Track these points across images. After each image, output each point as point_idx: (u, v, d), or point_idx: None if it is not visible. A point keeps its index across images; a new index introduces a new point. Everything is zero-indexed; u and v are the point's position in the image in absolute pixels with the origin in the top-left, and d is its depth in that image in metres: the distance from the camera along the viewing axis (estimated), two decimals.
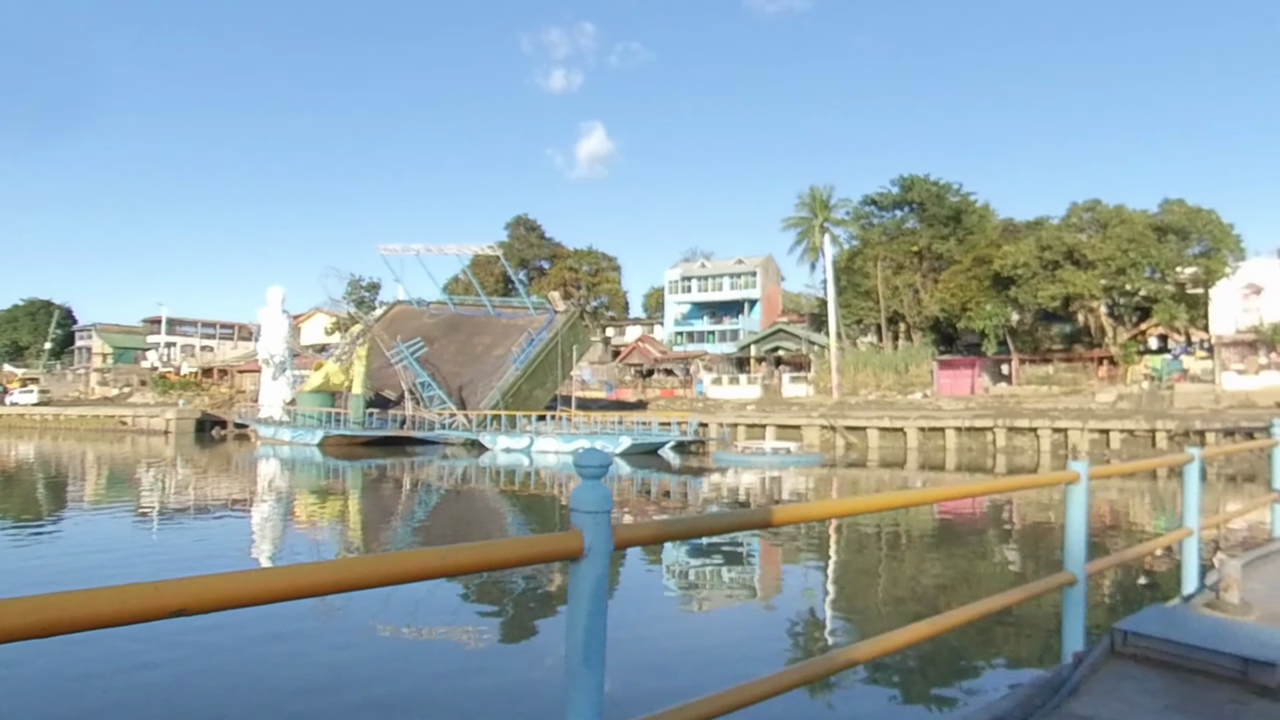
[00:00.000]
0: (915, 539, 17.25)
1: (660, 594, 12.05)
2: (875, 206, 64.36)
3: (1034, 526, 19.66)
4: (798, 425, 46.48)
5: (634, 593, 11.82)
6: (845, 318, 63.83)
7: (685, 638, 9.59)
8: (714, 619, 10.62)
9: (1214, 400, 43.17)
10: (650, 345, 76.91)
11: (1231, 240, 45.22)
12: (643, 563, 13.56)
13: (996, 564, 14.49)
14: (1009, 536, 18.34)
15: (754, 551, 15.04)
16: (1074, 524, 3.64)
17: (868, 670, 7.33)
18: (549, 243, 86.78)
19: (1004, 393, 50.02)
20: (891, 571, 14.11)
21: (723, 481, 29.74)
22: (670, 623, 10.25)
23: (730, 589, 12.50)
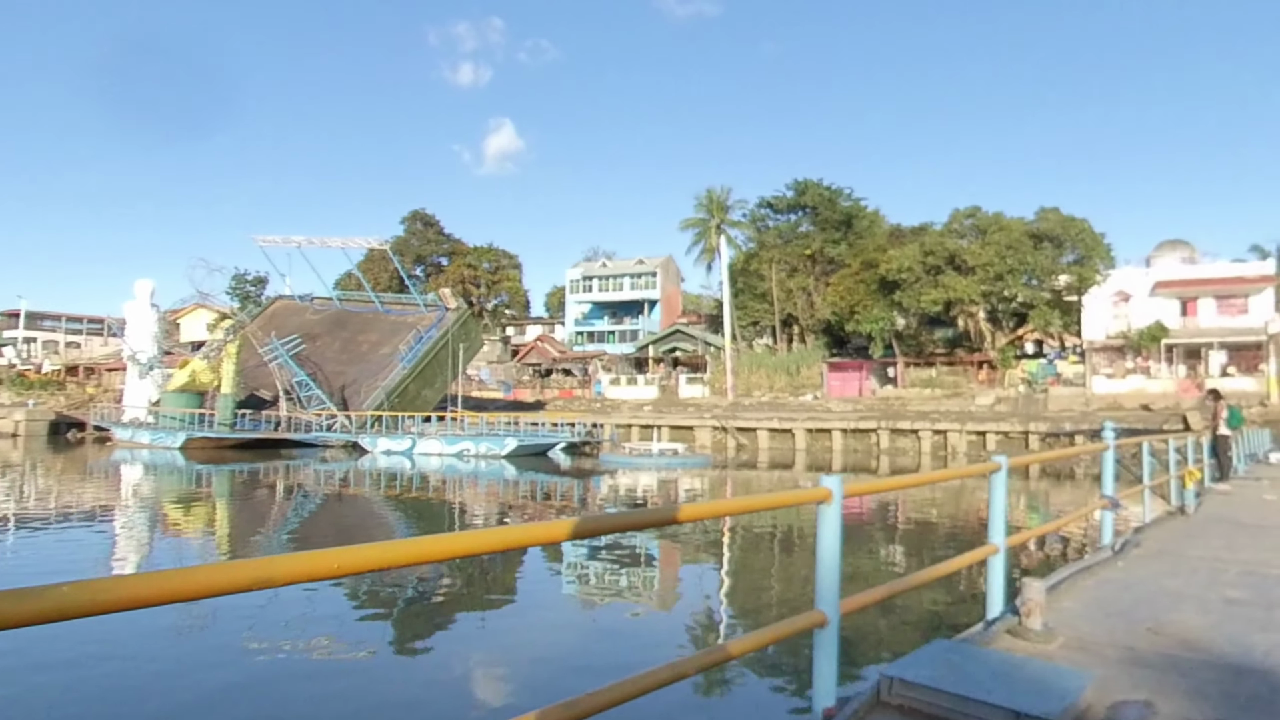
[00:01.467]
0: (782, 542, 16.87)
1: (559, 595, 12.09)
2: (771, 209, 65.07)
3: (918, 524, 19.81)
4: (690, 426, 46.29)
5: (533, 594, 12.00)
6: (741, 319, 64.26)
7: (579, 636, 9.70)
8: (606, 617, 10.63)
9: (1085, 403, 45.16)
10: (549, 345, 75.65)
11: (1102, 249, 47.43)
12: (543, 563, 13.81)
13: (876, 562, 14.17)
14: (895, 534, 18.21)
15: (652, 553, 15.05)
16: (825, 552, 2.90)
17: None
18: (448, 239, 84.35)
19: (890, 395, 51.15)
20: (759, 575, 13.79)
21: (604, 484, 28.95)
22: (566, 622, 10.37)
23: (623, 589, 12.43)
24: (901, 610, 8.89)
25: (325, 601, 10.45)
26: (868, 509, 21.55)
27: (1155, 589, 5.21)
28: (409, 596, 11.30)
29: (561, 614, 10.90)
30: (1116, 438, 6.46)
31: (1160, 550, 6.43)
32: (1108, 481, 6.44)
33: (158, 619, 8.56)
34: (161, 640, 8.67)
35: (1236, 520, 8.42)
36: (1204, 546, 6.73)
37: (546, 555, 14.22)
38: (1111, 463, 6.42)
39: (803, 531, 18.15)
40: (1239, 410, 13.58)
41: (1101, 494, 6.43)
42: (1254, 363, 42.39)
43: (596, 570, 13.49)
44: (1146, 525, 7.80)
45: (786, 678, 7.36)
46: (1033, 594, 4.04)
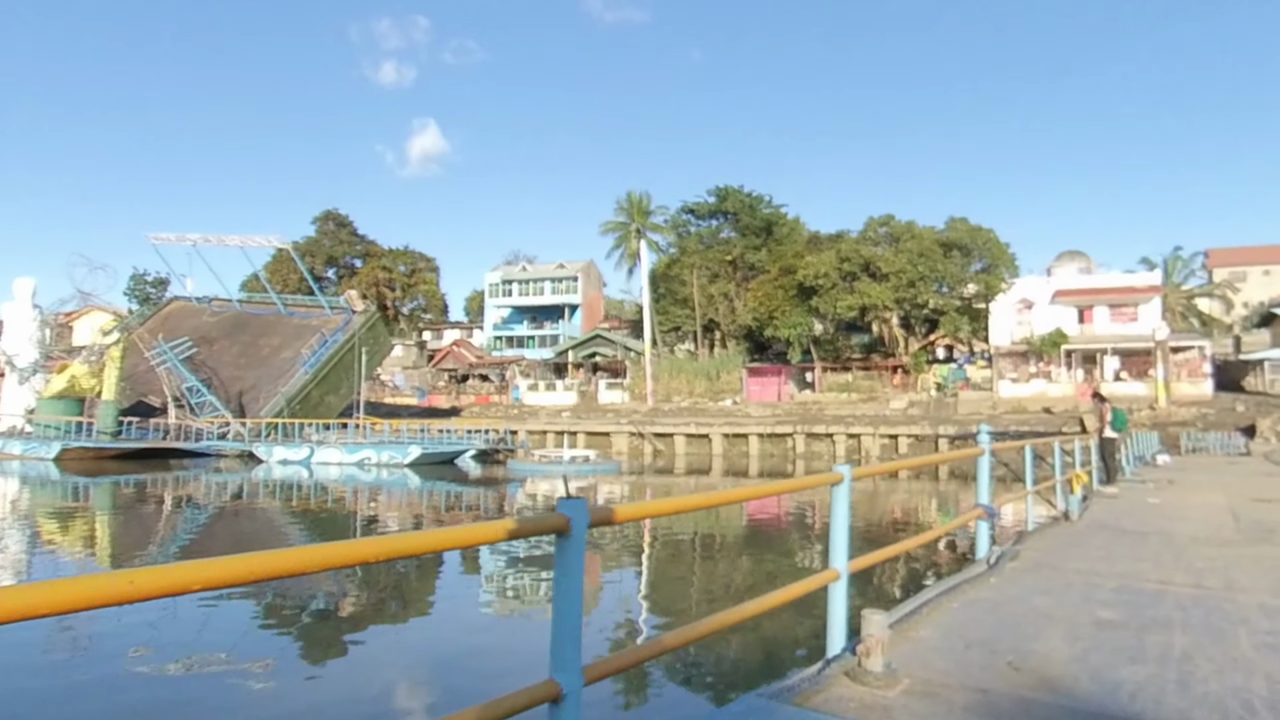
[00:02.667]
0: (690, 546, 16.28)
1: (476, 605, 11.73)
2: (693, 215, 65.06)
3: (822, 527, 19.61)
4: (607, 432, 45.61)
5: (450, 605, 11.72)
6: (663, 325, 64.01)
7: (498, 642, 9.50)
8: (526, 624, 10.36)
9: (992, 406, 46.30)
10: (466, 350, 73.90)
11: (1007, 258, 48.83)
12: (460, 572, 13.64)
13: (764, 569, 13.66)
14: (783, 539, 17.78)
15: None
16: (564, 602, 2.17)
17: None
18: (361, 240, 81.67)
19: (808, 400, 51.52)
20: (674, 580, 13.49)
21: (519, 492, 27.94)
22: (484, 629, 10.22)
23: (544, 597, 12.05)
24: (754, 636, 8.35)
25: (222, 617, 10.06)
26: (774, 514, 21.26)
27: (1025, 610, 4.69)
28: (314, 610, 10.83)
29: (479, 622, 10.64)
30: (993, 440, 5.99)
31: (1037, 563, 5.97)
32: (983, 489, 5.96)
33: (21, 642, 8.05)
34: (33, 664, 8.04)
35: (1119, 527, 8.13)
36: (1083, 557, 6.33)
37: (465, 566, 14.04)
38: (987, 469, 5.94)
39: (718, 537, 18.09)
40: (1124, 413, 13.61)
41: (976, 502, 5.94)
42: (1144, 368, 44.14)
43: (515, 579, 13.26)
44: (1028, 534, 7.41)
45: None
46: (873, 630, 3.42)
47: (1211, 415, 38.32)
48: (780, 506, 24.10)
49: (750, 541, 18.12)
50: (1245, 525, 8.52)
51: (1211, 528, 8.28)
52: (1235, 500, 11.17)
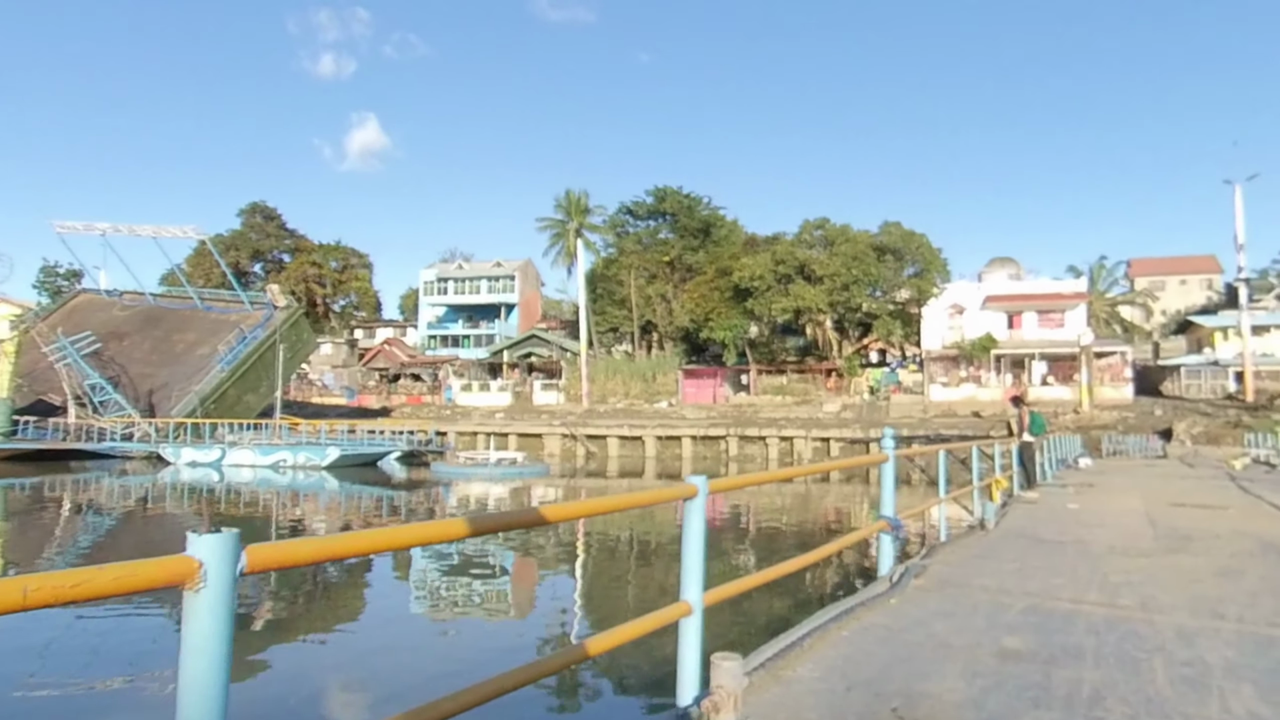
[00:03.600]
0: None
1: (407, 611, 11.43)
2: (631, 215, 64.51)
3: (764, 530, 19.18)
4: (539, 434, 44.67)
5: (380, 611, 11.39)
6: (600, 325, 63.30)
7: (430, 649, 9.29)
8: (459, 631, 10.24)
9: (923, 410, 46.77)
10: (398, 349, 71.95)
11: (939, 263, 49.43)
12: (392, 576, 13.42)
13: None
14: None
15: (505, 565, 14.63)
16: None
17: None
18: (290, 234, 78.86)
19: (743, 402, 51.40)
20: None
21: (435, 496, 26.84)
22: (416, 635, 10.05)
23: (476, 602, 11.91)
24: (604, 676, 7.73)
25: (129, 630, 9.54)
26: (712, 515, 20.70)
27: (923, 638, 4.11)
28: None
29: (410, 628, 10.41)
30: (897, 445, 5.44)
31: (944, 580, 5.44)
32: (887, 499, 5.40)
33: None
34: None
35: (1035, 536, 7.71)
36: (994, 571, 5.83)
37: (397, 571, 13.80)
38: (892, 476, 5.38)
39: (657, 539, 17.72)
40: (1042, 417, 13.40)
41: (879, 514, 5.38)
42: (1070, 372, 45.12)
43: (448, 585, 12.95)
44: (940, 545, 6.92)
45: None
46: (723, 680, 2.76)
47: (1132, 418, 39.30)
48: (715, 509, 23.81)
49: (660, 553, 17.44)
50: (1162, 532, 8.21)
51: (1129, 535, 7.94)
52: (1152, 505, 10.98)
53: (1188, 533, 8.13)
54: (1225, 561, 6.54)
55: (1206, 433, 34.33)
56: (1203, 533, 8.17)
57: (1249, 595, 5.21)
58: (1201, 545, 7.37)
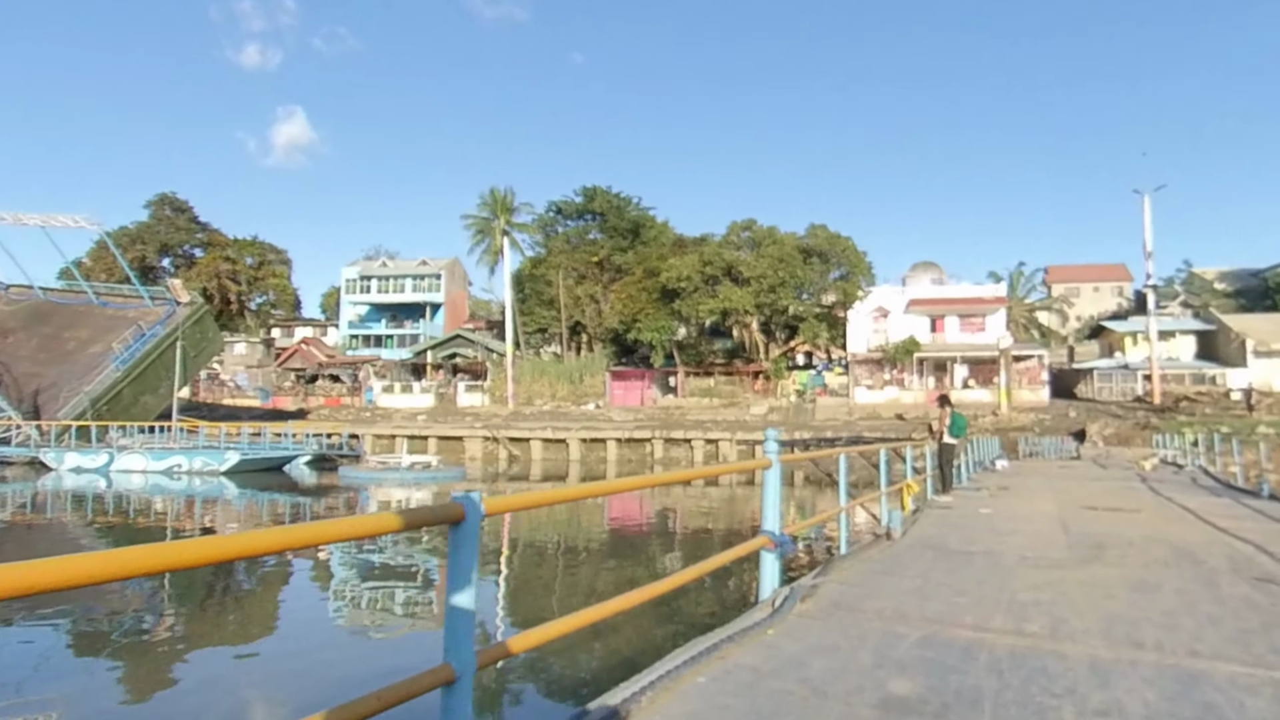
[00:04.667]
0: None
1: (325, 621, 10.99)
2: (560, 214, 63.54)
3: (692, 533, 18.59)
4: (460, 437, 43.28)
5: (299, 614, 11.13)
6: (528, 326, 62.06)
7: (346, 657, 9.01)
8: (382, 641, 9.85)
9: (848, 412, 47.06)
10: (316, 348, 69.24)
11: (864, 266, 49.80)
12: (314, 587, 13.16)
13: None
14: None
15: (431, 571, 14.05)
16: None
17: None
18: (202, 227, 75.09)
19: (671, 404, 50.93)
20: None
21: (340, 501, 25.37)
22: (334, 645, 9.61)
23: (398, 612, 11.60)
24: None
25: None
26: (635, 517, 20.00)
27: (793, 684, 3.37)
28: (128, 630, 9.80)
29: (331, 637, 10.05)
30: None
31: (835, 603, 4.74)
32: (769, 512, 4.67)
33: None
34: None
35: (944, 546, 7.13)
36: (893, 591, 5.16)
37: (317, 578, 13.57)
38: (776, 485, 4.66)
39: (585, 542, 17.44)
40: (964, 418, 13.05)
41: (761, 529, 4.65)
42: (989, 375, 45.95)
43: (370, 593, 12.50)
44: (838, 559, 6.25)
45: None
46: None
47: (1048, 420, 40.16)
48: (642, 513, 23.54)
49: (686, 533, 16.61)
50: (1075, 539, 7.75)
51: (1041, 543, 7.44)
52: (1066, 508, 10.64)
53: (1101, 540, 7.68)
54: (1139, 573, 6.05)
55: (1118, 434, 35.22)
56: (1116, 539, 7.74)
57: (1166, 615, 4.66)
58: (1115, 554, 6.90)
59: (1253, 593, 5.36)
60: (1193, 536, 7.97)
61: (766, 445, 4.70)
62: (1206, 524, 9.02)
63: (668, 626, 9.10)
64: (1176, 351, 50.56)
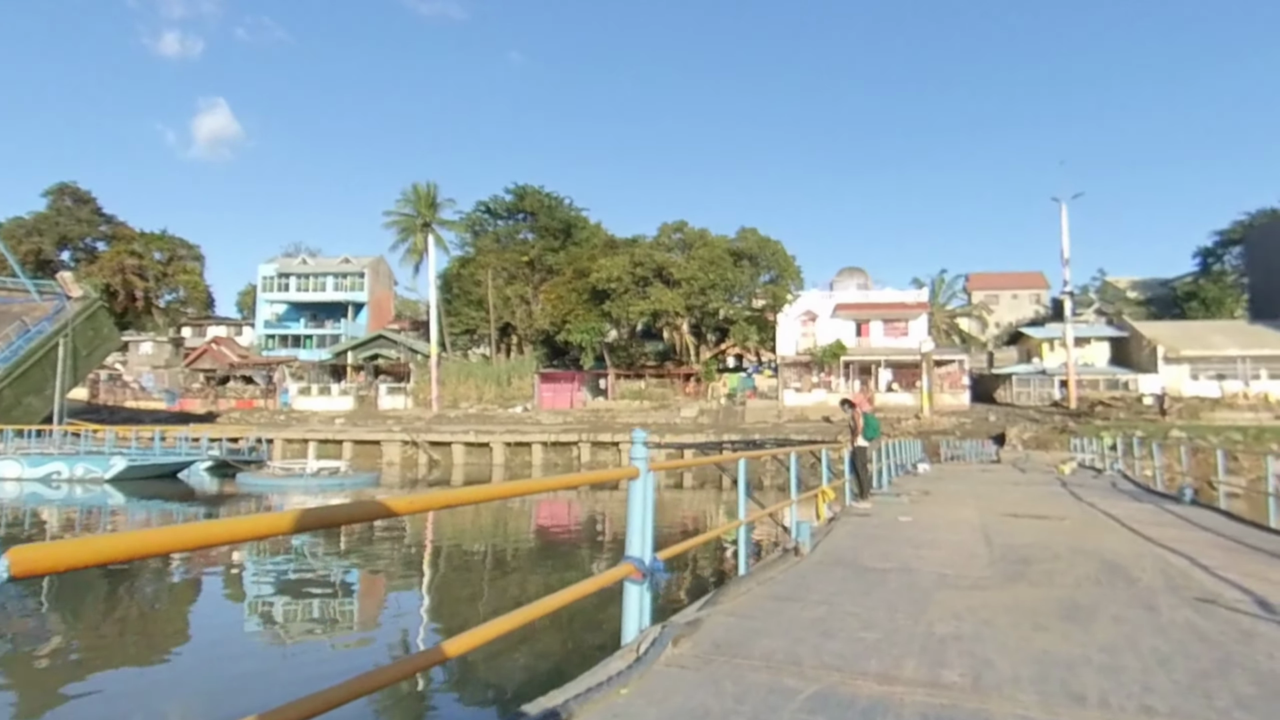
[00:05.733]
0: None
1: (240, 635, 10.54)
2: (489, 213, 62.06)
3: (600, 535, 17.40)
4: (377, 441, 41.51)
5: (210, 628, 10.76)
6: (455, 327, 60.38)
7: (260, 670, 8.69)
8: (299, 653, 9.43)
9: (777, 415, 46.85)
10: (227, 348, 66.02)
11: (793, 270, 49.84)
12: (226, 600, 12.66)
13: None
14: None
15: (351, 581, 13.94)
16: None
17: None
18: (106, 220, 71.06)
19: (601, 407, 49.99)
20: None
21: (244, 509, 23.62)
22: (249, 656, 9.31)
23: (317, 622, 11.10)
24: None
25: None
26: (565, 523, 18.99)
27: None
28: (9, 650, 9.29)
29: (244, 650, 9.61)
30: (644, 455, 3.82)
31: (716, 645, 3.85)
32: (634, 535, 3.75)
33: None
34: None
35: (856, 561, 6.35)
36: (790, 625, 4.31)
37: (229, 591, 13.11)
38: (643, 501, 3.76)
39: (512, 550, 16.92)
40: (876, 419, 12.46)
41: (625, 555, 3.73)
42: (912, 379, 46.40)
43: (285, 605, 12.00)
44: (732, 582, 5.39)
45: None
46: None
47: (969, 424, 40.61)
48: (570, 516, 23.22)
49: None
50: (998, 552, 7.08)
51: (962, 557, 6.73)
52: (988, 516, 10.06)
53: (1025, 553, 7.03)
54: (1070, 593, 5.35)
55: (1036, 438, 35.72)
56: (1041, 552, 7.10)
57: (1107, 653, 3.92)
58: (1042, 570, 6.22)
59: (1197, 618, 4.70)
60: (1122, 548, 7.40)
61: (633, 450, 3.79)
62: (1133, 533, 8.51)
63: (522, 672, 8.16)
64: (1092, 357, 51.97)
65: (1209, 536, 8.44)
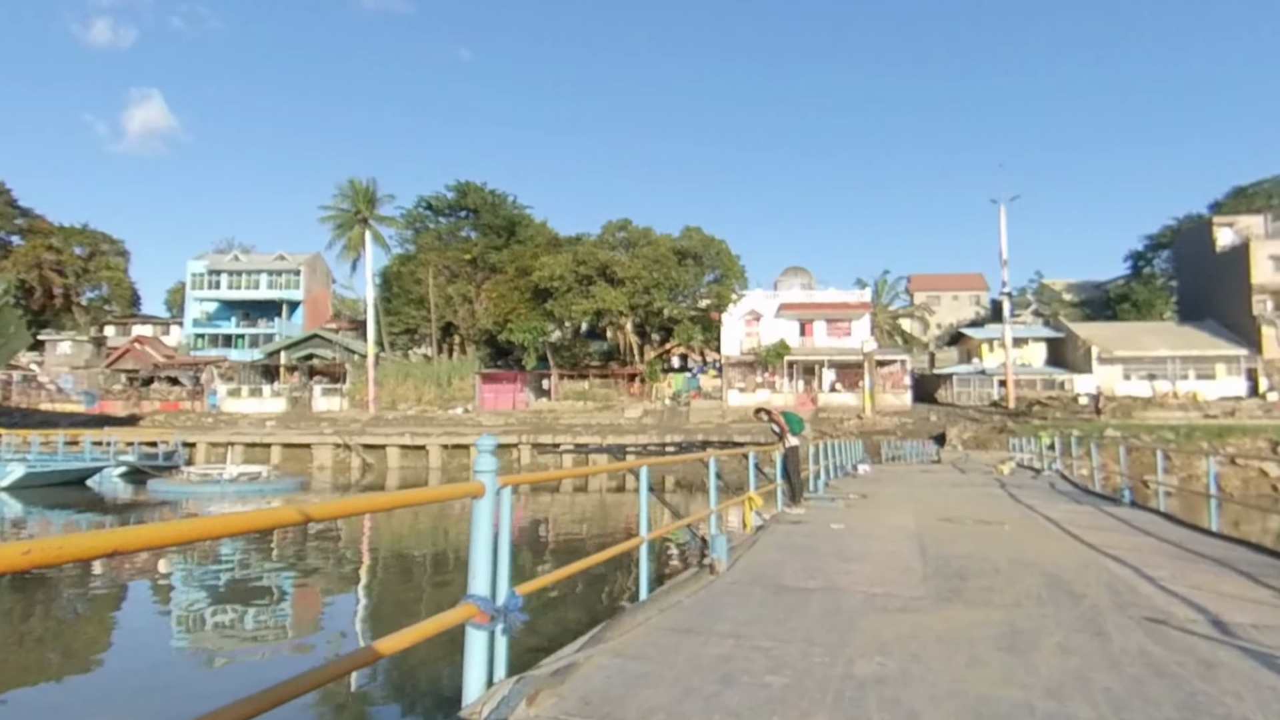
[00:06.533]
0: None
1: (165, 638, 10.45)
2: (430, 210, 60.50)
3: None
4: (308, 444, 39.90)
5: (137, 639, 10.45)
6: (395, 326, 58.71)
7: (191, 681, 8.31)
8: (236, 665, 9.15)
9: (721, 415, 46.47)
10: (153, 348, 63.17)
11: (738, 270, 49.53)
12: (155, 609, 12.28)
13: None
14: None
15: (283, 589, 13.40)
16: None
17: None
18: (23, 212, 67.31)
19: (544, 408, 49.03)
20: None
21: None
22: (180, 668, 8.98)
23: (251, 633, 10.72)
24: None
25: None
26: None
27: None
28: None
29: (174, 661, 9.31)
30: (492, 467, 3.06)
31: (587, 699, 3.10)
32: (478, 568, 2.97)
33: None
34: None
35: (777, 580, 5.68)
36: (684, 670, 3.58)
37: (157, 600, 12.63)
38: (488, 522, 2.99)
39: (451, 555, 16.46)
40: (798, 417, 11.88)
41: (467, 594, 2.96)
42: (855, 380, 46.47)
43: (214, 614, 11.66)
44: (626, 611, 4.65)
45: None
46: None
47: (910, 424, 40.75)
48: (513, 522, 22.43)
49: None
50: (933, 565, 6.49)
51: (894, 573, 6.12)
52: (924, 521, 9.54)
53: (962, 565, 6.45)
54: (1010, 615, 4.76)
55: (976, 437, 35.92)
56: (979, 564, 6.53)
57: (1053, 696, 3.29)
58: (979, 586, 5.63)
59: (1150, 644, 4.13)
60: (1064, 558, 6.88)
61: (478, 461, 3.03)
62: (1075, 539, 8.04)
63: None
64: (1029, 358, 52.81)
65: (1152, 542, 8.02)
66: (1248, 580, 6.01)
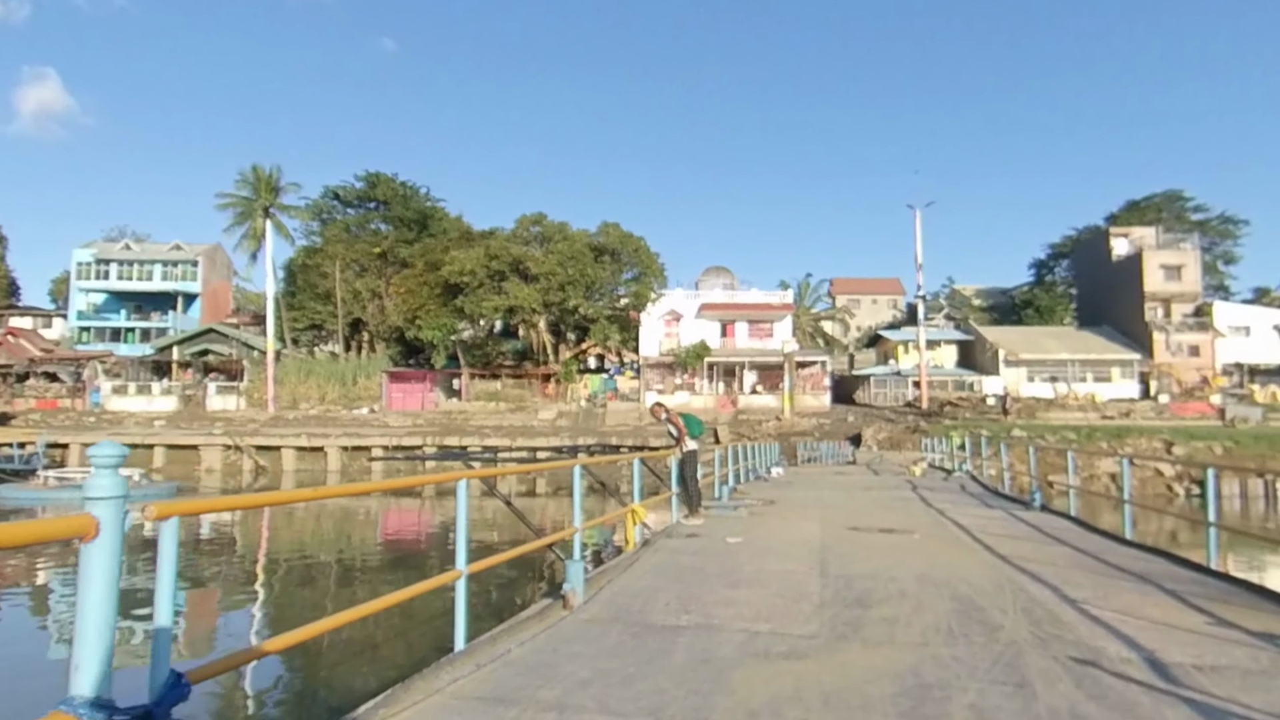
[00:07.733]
0: None
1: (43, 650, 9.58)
2: (338, 200, 57.84)
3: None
4: (195, 445, 37.27)
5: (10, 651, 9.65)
6: (299, 321, 55.87)
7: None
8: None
9: (639, 418, 45.53)
10: (29, 341, 58.55)
11: (657, 268, 48.72)
12: (29, 621, 11.51)
13: None
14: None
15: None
16: None
17: None
18: None
19: (454, 409, 47.24)
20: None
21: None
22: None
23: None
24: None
25: None
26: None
27: None
28: None
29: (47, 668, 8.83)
30: (116, 488, 1.98)
31: None
32: (80, 665, 1.85)
33: None
34: None
35: (643, 617, 4.67)
36: None
37: (34, 609, 12.03)
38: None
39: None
40: (698, 420, 11.08)
41: (64, 697, 1.84)
42: (776, 381, 46.28)
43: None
44: (434, 668, 3.55)
45: None
46: None
47: (828, 425, 40.71)
48: (420, 524, 22.08)
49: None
50: (832, 588, 5.61)
51: (786, 601, 5.20)
52: (830, 531, 8.74)
53: (865, 589, 5.59)
54: (915, 659, 3.87)
55: (890, 438, 36.00)
56: (885, 586, 5.69)
57: None
58: (882, 617, 4.76)
59: (1082, 699, 3.28)
60: (977, 576, 6.10)
61: (91, 482, 1.92)
62: (988, 551, 7.33)
63: None
64: (942, 360, 53.77)
65: (1067, 553, 7.38)
66: (1175, 601, 5.33)
